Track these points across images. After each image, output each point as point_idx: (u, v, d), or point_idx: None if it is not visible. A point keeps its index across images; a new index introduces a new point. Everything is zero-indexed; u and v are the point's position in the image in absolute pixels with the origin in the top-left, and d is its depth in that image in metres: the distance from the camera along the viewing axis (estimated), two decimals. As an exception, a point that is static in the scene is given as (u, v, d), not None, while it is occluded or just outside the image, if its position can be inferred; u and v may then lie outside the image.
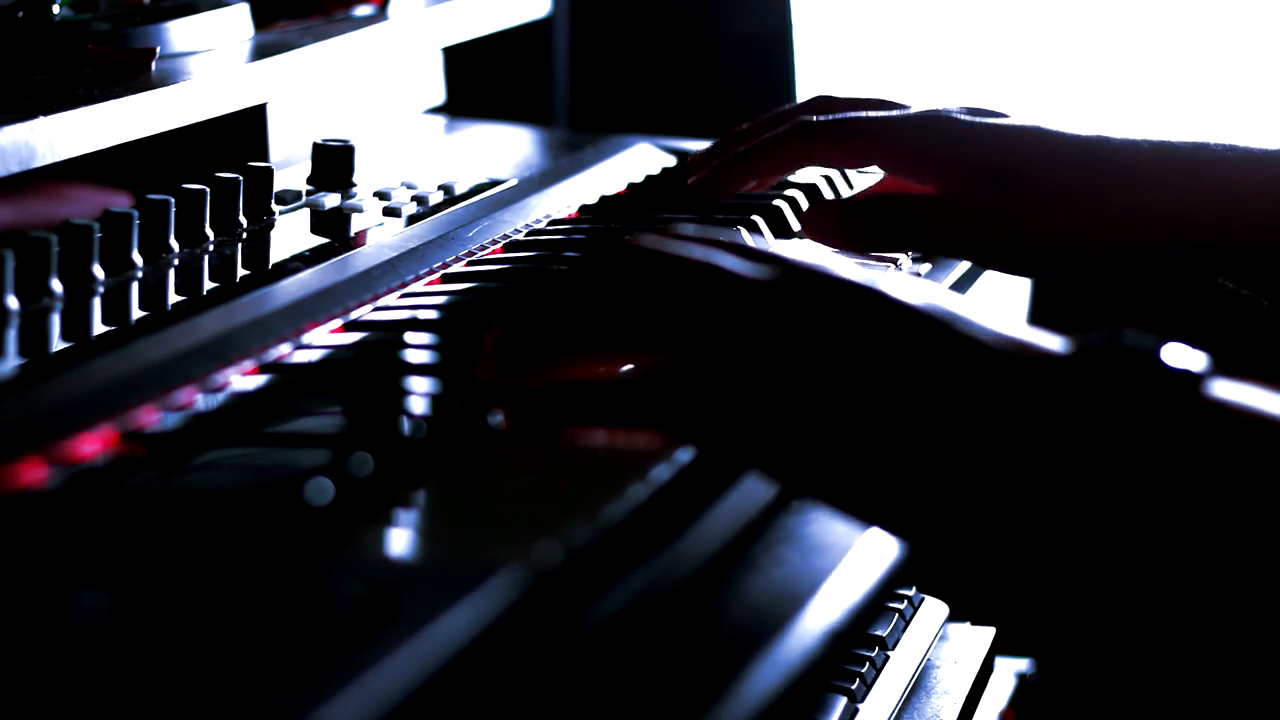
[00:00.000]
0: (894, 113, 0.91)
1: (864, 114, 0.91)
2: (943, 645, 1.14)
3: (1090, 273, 0.90)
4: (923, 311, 0.60)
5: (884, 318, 0.60)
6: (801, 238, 0.97)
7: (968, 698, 1.10)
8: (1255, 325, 1.37)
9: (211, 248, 0.85)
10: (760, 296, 0.60)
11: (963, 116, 0.90)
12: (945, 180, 0.89)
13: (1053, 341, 0.59)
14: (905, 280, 0.61)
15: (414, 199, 0.97)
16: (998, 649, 1.17)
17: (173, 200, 0.83)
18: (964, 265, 0.99)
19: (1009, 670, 1.19)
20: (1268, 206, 0.87)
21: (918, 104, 0.93)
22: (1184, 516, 0.55)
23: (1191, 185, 0.87)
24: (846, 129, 0.91)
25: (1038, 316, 1.42)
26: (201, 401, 0.69)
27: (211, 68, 0.95)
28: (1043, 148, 0.89)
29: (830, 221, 0.91)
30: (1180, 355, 0.57)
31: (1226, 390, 0.57)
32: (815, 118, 0.91)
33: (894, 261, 0.91)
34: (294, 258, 0.86)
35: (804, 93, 1.56)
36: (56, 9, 0.94)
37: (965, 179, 0.88)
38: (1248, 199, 0.87)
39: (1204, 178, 0.87)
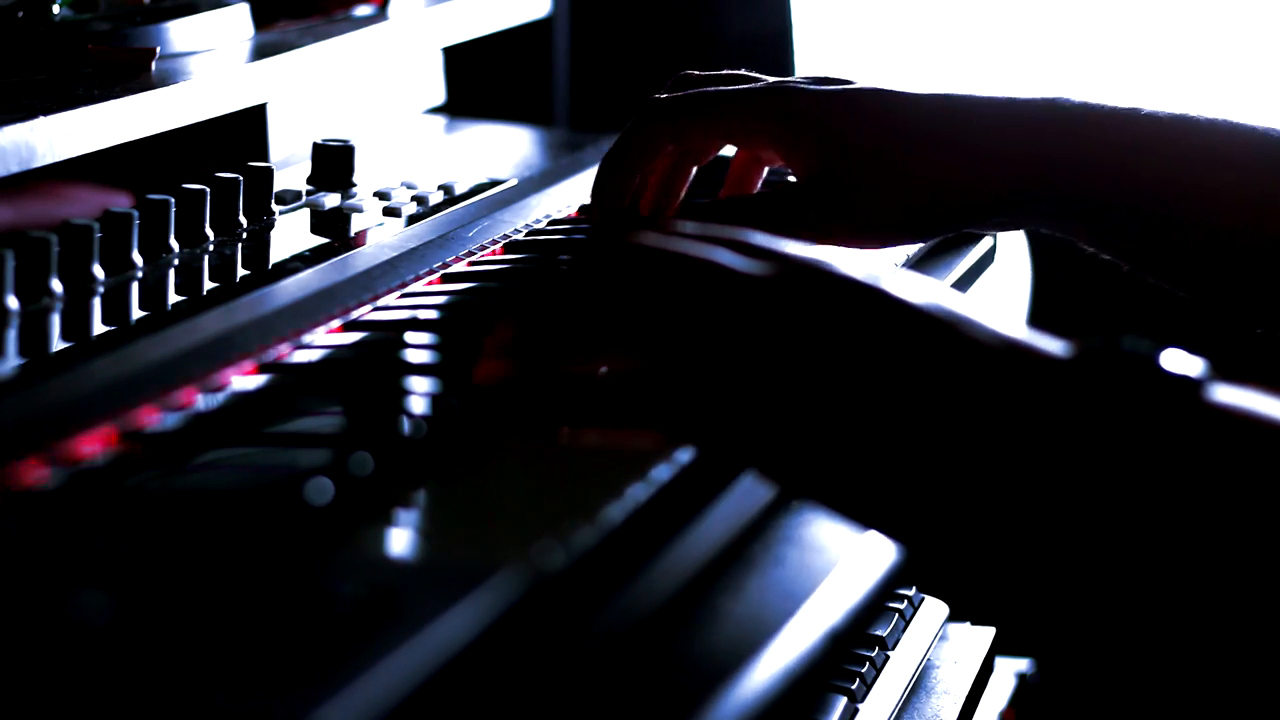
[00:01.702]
0: (740, 87, 0.91)
1: (709, 90, 0.90)
2: (943, 645, 1.14)
3: (948, 230, 0.90)
4: (924, 311, 0.60)
5: (884, 316, 0.59)
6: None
7: (968, 698, 1.10)
8: (1123, 294, 1.34)
9: (211, 248, 0.85)
10: (759, 293, 0.60)
11: (806, 85, 0.89)
12: (791, 149, 0.89)
13: (1052, 344, 0.59)
14: (907, 277, 0.61)
15: (414, 199, 0.97)
16: (998, 649, 1.17)
17: (173, 200, 0.83)
18: (966, 263, 0.99)
19: (1009, 670, 1.20)
20: (1124, 162, 0.87)
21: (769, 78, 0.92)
22: (1182, 519, 0.55)
23: (1042, 137, 0.87)
24: (692, 106, 0.90)
25: (1037, 315, 1.43)
26: (201, 401, 0.69)
27: (211, 68, 0.95)
28: (886, 107, 0.88)
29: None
30: (1178, 360, 0.57)
31: (1224, 395, 0.57)
32: (663, 95, 0.91)
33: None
34: (294, 258, 0.86)
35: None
36: (56, 9, 0.94)
37: (809, 147, 0.88)
38: (1105, 153, 0.87)
39: (1060, 133, 0.87)
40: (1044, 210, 0.89)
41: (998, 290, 1.02)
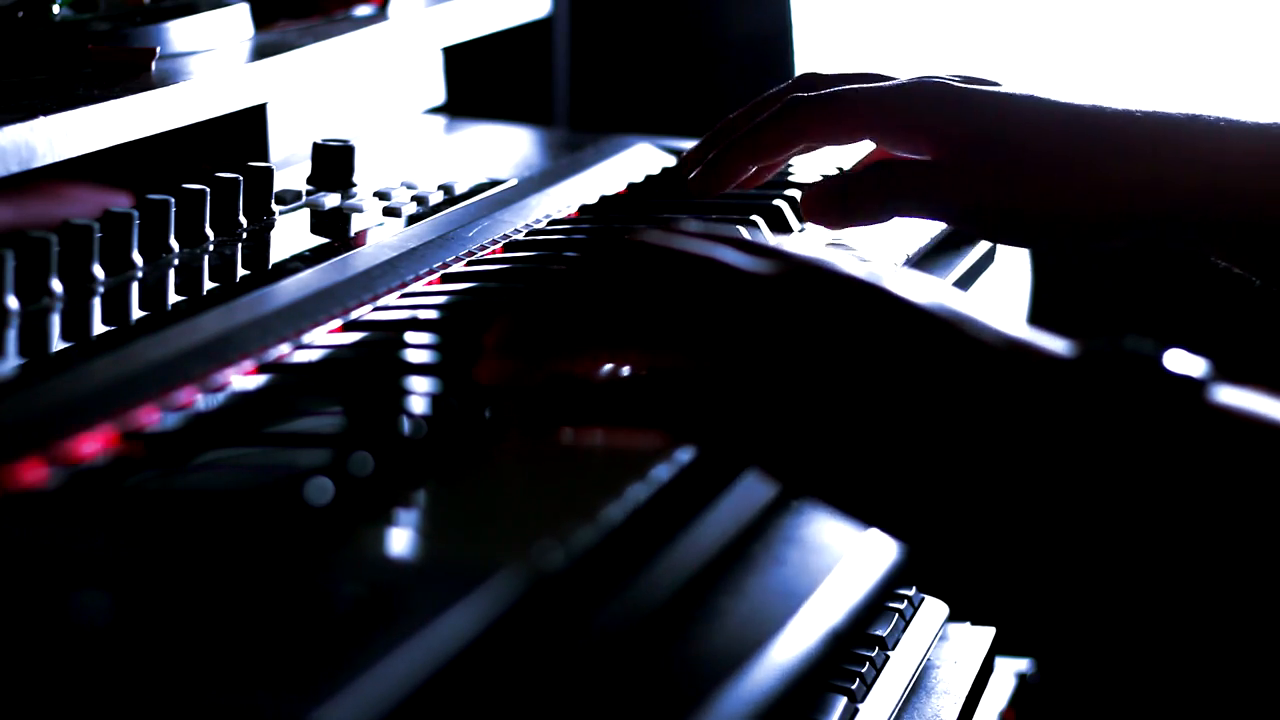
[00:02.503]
0: (884, 83, 0.91)
1: (853, 86, 0.90)
2: (943, 645, 1.14)
3: (1080, 243, 0.90)
4: (926, 310, 0.60)
5: (887, 315, 0.59)
6: (801, 225, 0.97)
7: (968, 698, 1.10)
8: (1247, 306, 1.36)
9: (211, 248, 0.85)
10: (762, 292, 0.60)
11: (956, 83, 0.89)
12: (939, 148, 0.88)
13: (1055, 344, 0.59)
14: (909, 276, 0.61)
15: (414, 199, 0.97)
16: (998, 649, 1.17)
17: (173, 200, 0.83)
18: (966, 263, 0.99)
19: (1009, 670, 1.20)
20: (1259, 180, 0.86)
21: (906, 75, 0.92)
22: (1184, 521, 0.55)
23: (1184, 156, 0.86)
24: (836, 102, 0.89)
25: (1038, 314, 1.43)
26: (201, 401, 0.69)
27: (211, 68, 0.95)
28: (1037, 115, 0.88)
29: (824, 198, 0.90)
30: (1181, 361, 0.57)
31: (1227, 395, 0.57)
32: (804, 94, 0.91)
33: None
34: (294, 258, 0.86)
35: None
36: (56, 9, 0.94)
37: (959, 146, 0.88)
38: (1240, 172, 0.86)
39: (1197, 149, 0.86)
40: (1170, 231, 0.88)
41: (998, 290, 1.02)
